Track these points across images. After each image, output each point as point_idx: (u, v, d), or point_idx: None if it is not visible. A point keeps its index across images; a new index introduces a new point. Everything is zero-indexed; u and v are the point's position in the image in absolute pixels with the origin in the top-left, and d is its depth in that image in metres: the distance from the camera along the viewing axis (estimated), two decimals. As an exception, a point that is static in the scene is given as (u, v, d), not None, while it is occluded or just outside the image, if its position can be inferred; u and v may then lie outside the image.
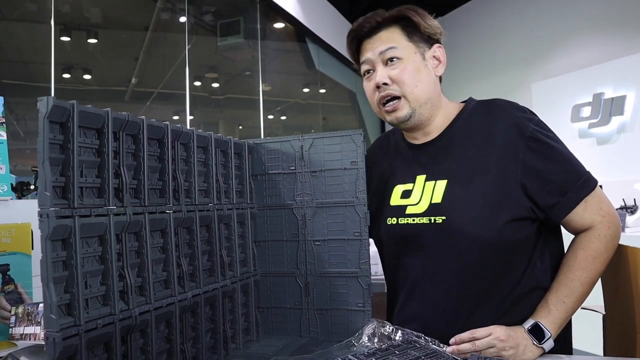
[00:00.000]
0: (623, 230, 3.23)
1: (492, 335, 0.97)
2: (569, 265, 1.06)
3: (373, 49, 1.16)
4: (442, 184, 1.12)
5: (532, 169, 1.06)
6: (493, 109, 1.15)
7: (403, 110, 1.14)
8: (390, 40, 1.14)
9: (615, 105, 3.97)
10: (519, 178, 1.05)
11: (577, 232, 1.10)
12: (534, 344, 0.99)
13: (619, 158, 3.97)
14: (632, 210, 3.47)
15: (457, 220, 1.07)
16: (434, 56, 1.17)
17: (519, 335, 0.99)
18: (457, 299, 1.08)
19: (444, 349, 0.91)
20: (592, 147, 4.20)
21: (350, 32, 1.20)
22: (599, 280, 1.18)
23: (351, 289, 1.18)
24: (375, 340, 1.00)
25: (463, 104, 1.21)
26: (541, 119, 1.13)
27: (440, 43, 1.18)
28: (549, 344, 1.00)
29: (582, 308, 1.57)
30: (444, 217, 1.09)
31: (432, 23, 1.16)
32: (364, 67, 1.20)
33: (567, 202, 1.06)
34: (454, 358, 0.86)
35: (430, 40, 1.17)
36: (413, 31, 1.15)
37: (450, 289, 1.09)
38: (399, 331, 0.97)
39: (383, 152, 1.32)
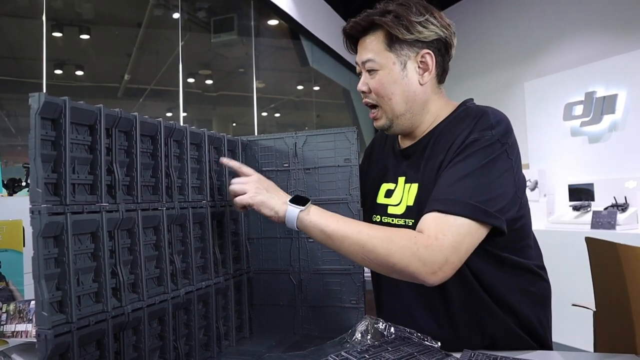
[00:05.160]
0: (614, 228, 3.26)
1: (250, 177, 1.08)
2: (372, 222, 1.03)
3: (359, 54, 1.15)
4: (415, 188, 1.13)
5: (443, 169, 1.03)
6: (470, 117, 1.08)
7: (381, 120, 1.16)
8: (370, 49, 1.12)
9: (607, 104, 4.00)
10: None
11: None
12: (286, 201, 1.03)
13: (610, 156, 4.00)
14: (623, 208, 3.50)
15: None
16: (421, 61, 1.11)
17: (282, 192, 1.07)
18: (430, 302, 1.10)
19: (437, 345, 0.91)
20: (584, 146, 4.22)
21: (343, 35, 1.19)
22: (590, 277, 1.20)
23: (344, 286, 1.19)
24: (369, 337, 1.00)
25: (457, 106, 1.18)
26: (492, 140, 1.01)
27: (430, 48, 1.10)
28: (291, 212, 1.01)
29: (573, 305, 1.58)
30: (413, 221, 1.10)
31: (417, 28, 1.07)
32: (357, 69, 1.18)
33: (428, 206, 0.98)
34: (446, 354, 0.87)
35: (418, 43, 1.09)
36: (396, 38, 1.08)
37: (423, 290, 1.09)
38: (392, 328, 0.98)
39: (381, 148, 1.34)
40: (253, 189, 1.05)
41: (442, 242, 0.91)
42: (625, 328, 1.06)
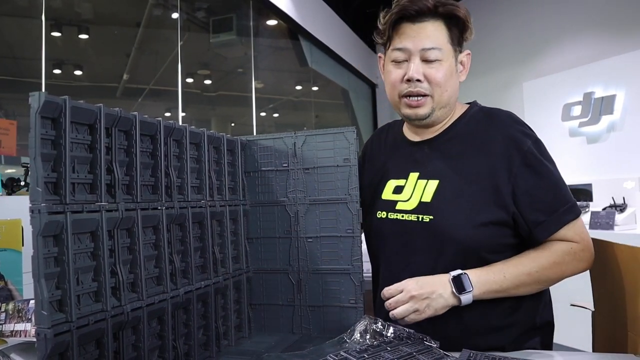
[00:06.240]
0: (612, 228, 3.26)
1: (404, 292, 1.00)
2: (528, 255, 1.07)
3: (415, 40, 1.10)
4: (433, 184, 1.13)
5: (524, 182, 1.06)
6: (493, 118, 1.16)
7: (425, 108, 1.13)
8: (436, 39, 1.10)
9: (605, 105, 4.01)
10: (510, 189, 1.06)
11: None
12: (452, 291, 1.00)
13: (608, 157, 4.01)
14: (621, 208, 3.51)
15: (444, 221, 1.09)
16: (461, 61, 1.17)
17: (436, 281, 1.01)
18: None
19: (436, 345, 0.92)
20: (582, 146, 4.23)
21: (393, 11, 1.12)
22: (589, 277, 1.20)
23: (343, 285, 1.19)
24: (367, 336, 1.00)
25: (467, 106, 1.22)
26: (539, 138, 1.13)
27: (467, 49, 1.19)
28: (466, 298, 1.00)
29: (572, 305, 1.58)
30: (431, 217, 1.10)
31: (469, 28, 1.15)
32: (396, 54, 1.13)
33: (552, 223, 1.06)
34: (445, 354, 0.87)
35: (463, 43, 1.17)
36: (456, 33, 1.14)
37: None
38: (391, 327, 0.98)
39: (380, 146, 1.33)
40: (413, 305, 0.99)
41: (587, 240, 1.09)
42: (623, 328, 1.06)
